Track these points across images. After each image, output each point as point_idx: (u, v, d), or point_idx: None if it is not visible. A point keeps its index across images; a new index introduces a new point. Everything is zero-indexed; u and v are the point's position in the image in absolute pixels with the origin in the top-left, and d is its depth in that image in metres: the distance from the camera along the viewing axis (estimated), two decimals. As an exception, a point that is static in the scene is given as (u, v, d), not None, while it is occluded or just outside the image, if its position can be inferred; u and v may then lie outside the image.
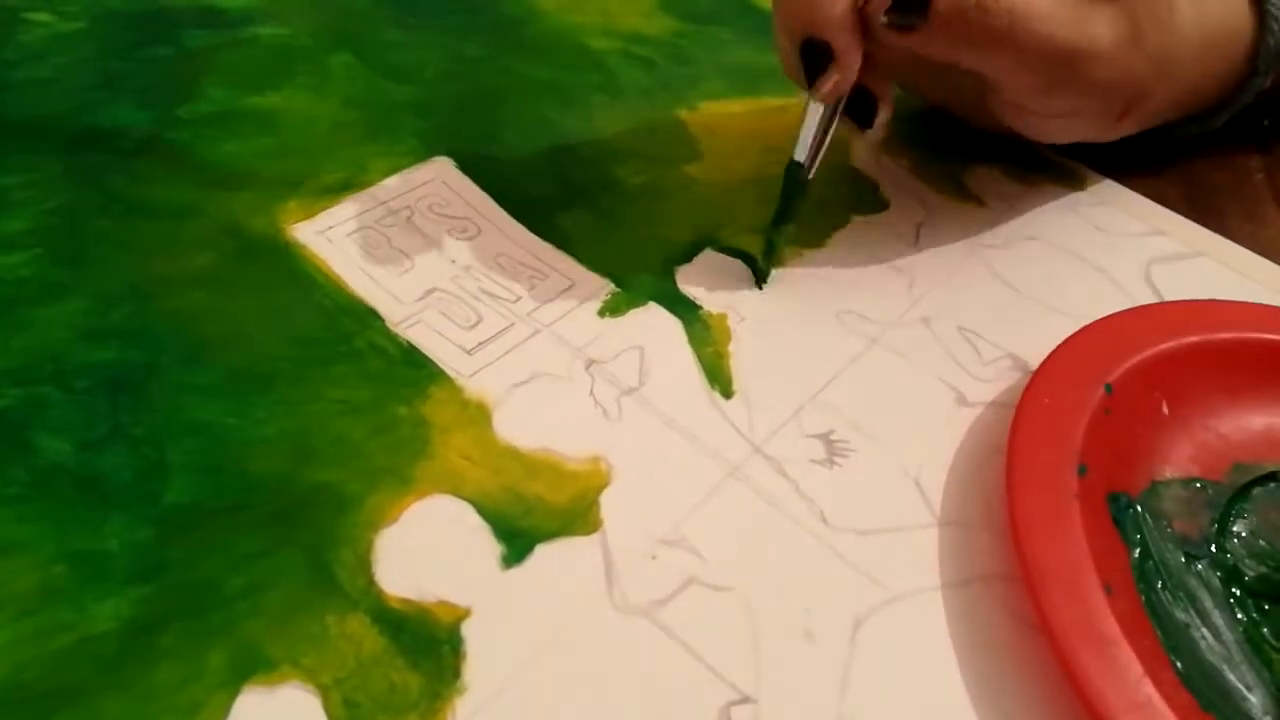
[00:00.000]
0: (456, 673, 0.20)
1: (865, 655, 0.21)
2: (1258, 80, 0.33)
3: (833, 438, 0.26)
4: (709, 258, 0.30)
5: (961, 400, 0.27)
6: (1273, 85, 0.34)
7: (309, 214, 0.29)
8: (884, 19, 0.26)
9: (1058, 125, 0.32)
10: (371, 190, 0.31)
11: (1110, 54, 0.28)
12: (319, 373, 0.25)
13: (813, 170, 0.28)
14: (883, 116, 0.28)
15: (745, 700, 0.20)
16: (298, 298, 0.27)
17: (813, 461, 0.25)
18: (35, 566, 0.21)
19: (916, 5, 0.26)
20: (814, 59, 0.27)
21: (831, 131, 0.28)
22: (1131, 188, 0.35)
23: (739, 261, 0.30)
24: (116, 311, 0.26)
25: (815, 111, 0.28)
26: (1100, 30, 0.28)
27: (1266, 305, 0.29)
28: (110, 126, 0.31)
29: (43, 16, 0.35)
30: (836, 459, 0.25)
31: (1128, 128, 0.32)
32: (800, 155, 0.28)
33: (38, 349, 0.25)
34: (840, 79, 0.27)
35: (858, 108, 0.28)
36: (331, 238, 0.29)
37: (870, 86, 0.28)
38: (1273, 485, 0.25)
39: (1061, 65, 0.28)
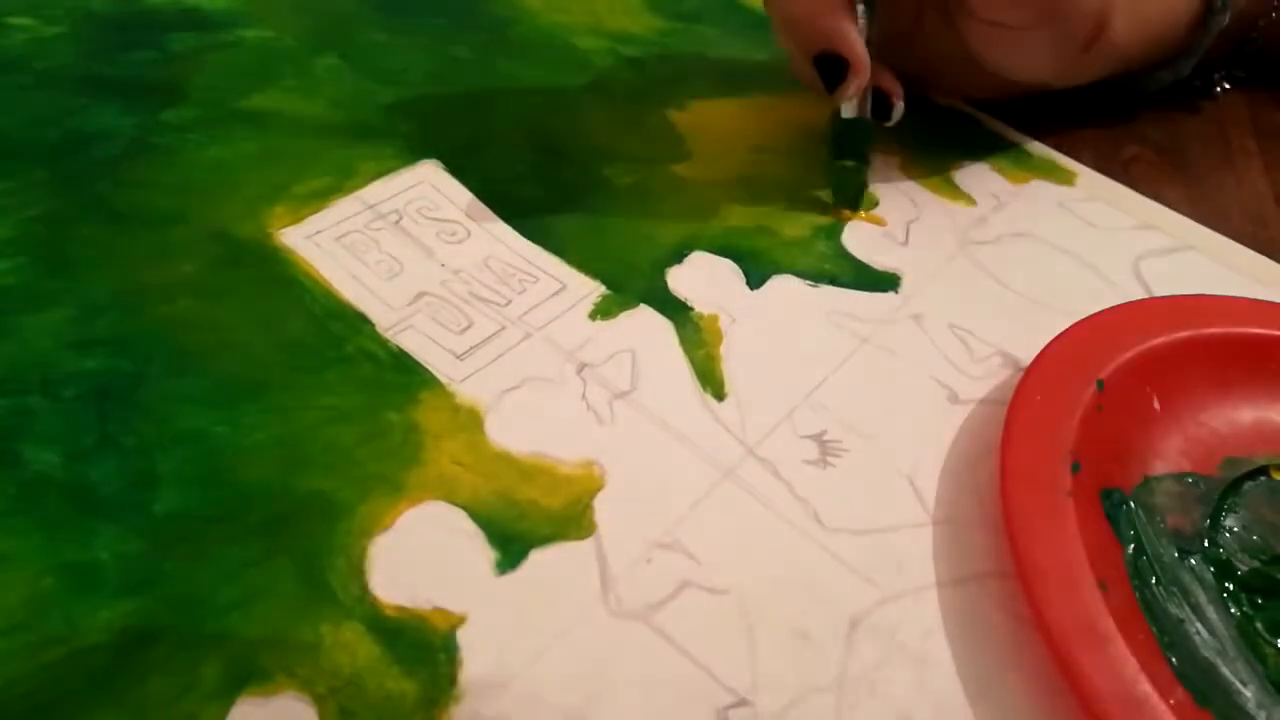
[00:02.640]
0: (452, 680, 0.20)
1: (861, 656, 0.21)
2: (1217, 18, 0.34)
3: (826, 438, 0.26)
4: (699, 258, 0.30)
5: (954, 398, 0.27)
6: (1234, 27, 0.34)
7: (296, 219, 0.29)
8: None
9: (1025, 54, 0.32)
10: (359, 194, 0.30)
11: None
12: (309, 379, 0.25)
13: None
14: (899, 108, 0.32)
15: (742, 703, 0.20)
16: (286, 304, 0.27)
17: (806, 462, 0.25)
18: (24, 579, 0.21)
19: None
20: (829, 69, 0.30)
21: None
22: (1133, 188, 0.35)
23: (729, 262, 0.30)
24: (103, 320, 0.26)
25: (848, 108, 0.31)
26: None
27: (1255, 300, 0.29)
28: (94, 132, 0.31)
29: (24, 21, 0.35)
30: (830, 459, 0.25)
31: (1095, 64, 0.33)
32: (861, 113, 0.31)
33: (23, 359, 0.25)
34: (858, 82, 0.30)
35: (876, 107, 0.32)
36: (320, 242, 0.29)
37: (881, 86, 0.31)
38: (1263, 479, 0.25)
39: None
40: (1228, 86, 0.39)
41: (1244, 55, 0.38)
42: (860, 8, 0.30)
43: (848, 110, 0.31)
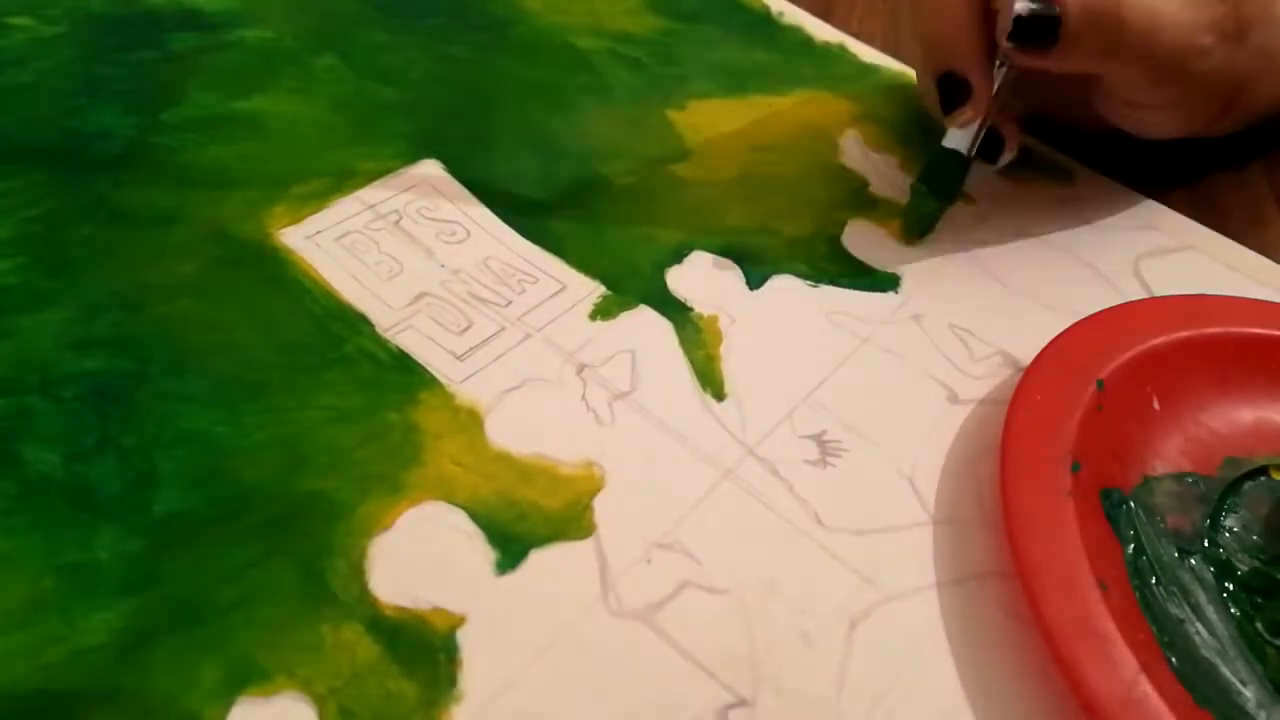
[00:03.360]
0: (452, 680, 0.20)
1: (861, 656, 0.21)
2: None
3: (825, 438, 0.26)
4: (699, 258, 0.30)
5: (954, 398, 0.27)
6: None
7: (296, 219, 0.29)
8: (1008, 44, 0.28)
9: (1162, 119, 0.32)
10: (359, 194, 0.30)
11: (1216, 49, 0.29)
12: (309, 379, 0.25)
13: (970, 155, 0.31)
14: (1006, 157, 0.31)
15: (742, 703, 0.20)
16: (286, 304, 0.27)
17: (806, 462, 0.25)
18: (25, 580, 0.21)
19: (1045, 27, 0.27)
20: (950, 91, 0.30)
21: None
22: (1133, 188, 0.35)
23: (729, 262, 0.30)
24: (103, 320, 0.26)
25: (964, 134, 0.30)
26: (1208, 27, 0.28)
27: (1255, 300, 0.29)
28: (94, 132, 0.31)
29: (23, 21, 0.35)
30: (830, 459, 0.25)
31: (1231, 123, 0.33)
32: (964, 148, 0.31)
33: (23, 359, 0.25)
34: (974, 110, 0.30)
35: (986, 147, 0.31)
36: (319, 242, 0.29)
37: (999, 129, 0.31)
38: (1263, 479, 0.25)
39: (1172, 64, 0.29)
40: None
41: None
42: (1000, 63, 0.30)
43: (952, 140, 0.31)
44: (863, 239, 0.32)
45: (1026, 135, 0.37)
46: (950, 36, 0.29)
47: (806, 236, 0.31)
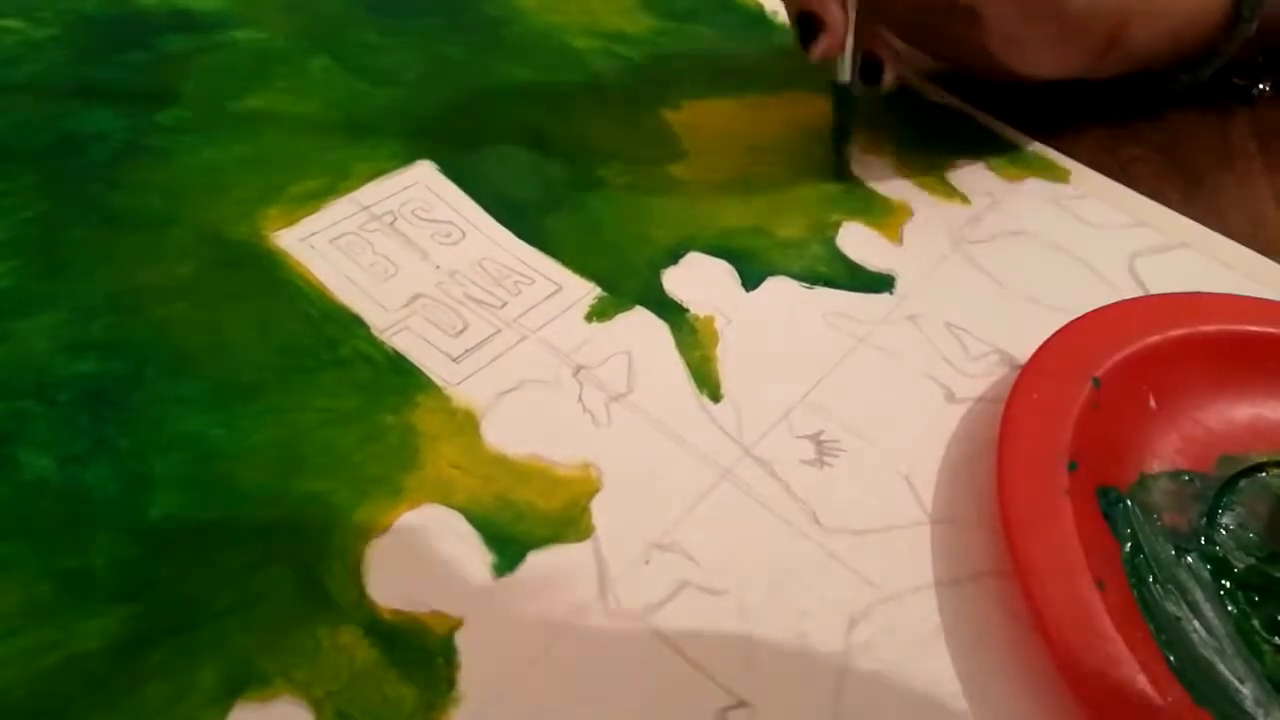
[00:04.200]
0: (450, 683, 0.20)
1: (860, 656, 0.21)
2: (1244, 26, 0.34)
3: (822, 438, 0.26)
4: (695, 259, 0.30)
5: (950, 397, 0.27)
6: (1260, 36, 0.34)
7: (291, 221, 0.29)
8: None
9: (1047, 57, 0.33)
10: (354, 195, 0.30)
11: None
12: (305, 381, 0.25)
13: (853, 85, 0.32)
14: (888, 76, 0.33)
15: (741, 704, 0.20)
16: (281, 306, 0.27)
17: (803, 462, 0.25)
18: (19, 585, 0.21)
19: None
20: (806, 27, 0.31)
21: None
22: (1132, 188, 0.35)
23: (725, 263, 0.30)
24: (97, 323, 0.26)
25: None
26: None
27: (1249, 297, 0.29)
28: (87, 134, 0.31)
29: (14, 23, 0.35)
30: (827, 459, 0.25)
31: (1116, 61, 0.33)
32: (844, 77, 0.32)
33: (17, 362, 0.25)
34: (829, 44, 0.31)
35: (867, 72, 0.32)
36: (314, 244, 0.29)
37: (874, 50, 0.32)
38: (1260, 476, 0.25)
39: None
40: (1265, 89, 0.39)
41: (1275, 63, 0.38)
42: None
43: (839, 75, 0.32)
44: (857, 240, 0.32)
45: (1021, 132, 0.37)
46: None
47: (801, 238, 0.31)
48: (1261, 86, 0.39)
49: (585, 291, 0.28)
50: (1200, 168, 0.36)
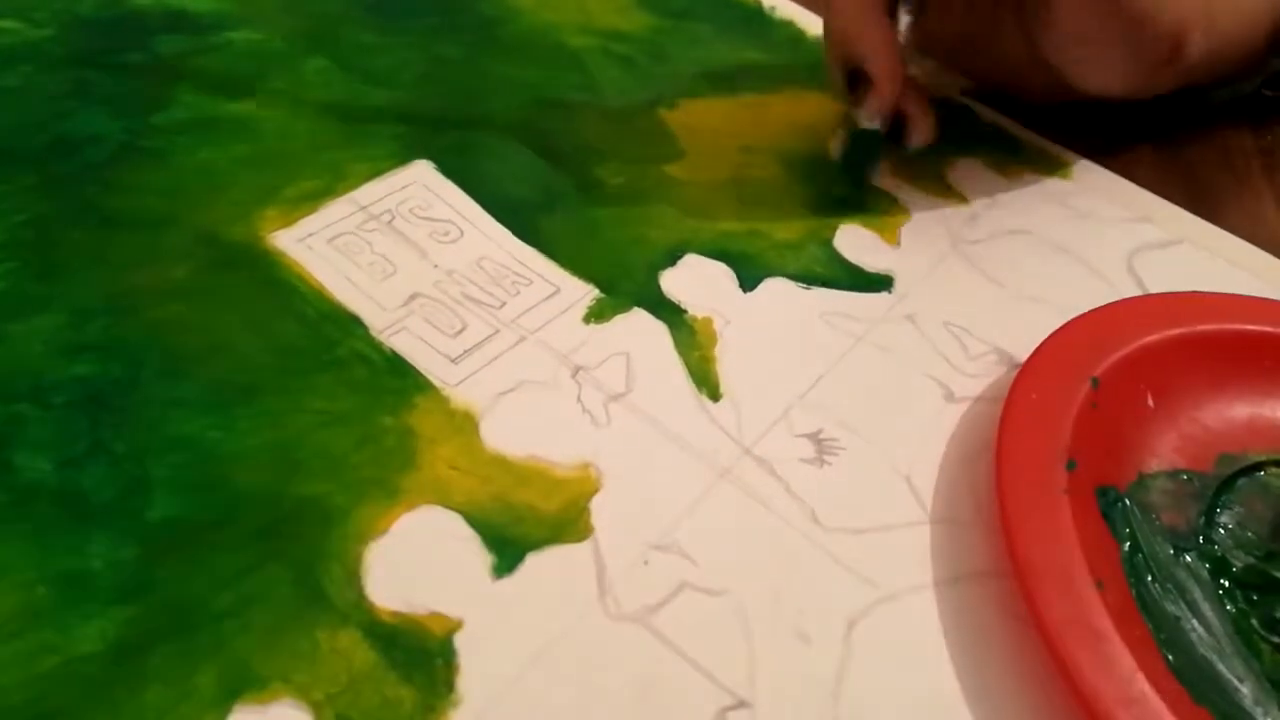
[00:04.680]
0: (450, 685, 0.20)
1: (860, 656, 0.21)
2: None
3: (822, 437, 0.26)
4: (692, 261, 0.30)
5: (949, 396, 0.27)
6: None
7: (288, 221, 0.29)
8: None
9: (1101, 67, 0.32)
10: (351, 195, 0.30)
11: None
12: (302, 383, 0.25)
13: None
14: (916, 140, 0.33)
15: (741, 705, 0.20)
16: (279, 307, 0.27)
17: (803, 461, 0.25)
18: (16, 588, 0.21)
19: None
20: (856, 84, 0.30)
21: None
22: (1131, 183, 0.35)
23: (722, 265, 0.30)
24: (94, 325, 0.26)
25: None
26: None
27: (1247, 296, 0.29)
28: (83, 135, 0.31)
29: (10, 24, 0.35)
30: (826, 458, 0.25)
31: (1167, 80, 0.33)
32: (875, 124, 0.31)
33: (14, 365, 0.24)
34: (878, 103, 0.30)
35: (894, 128, 0.32)
36: (312, 245, 0.29)
37: (907, 112, 0.32)
38: (1258, 475, 0.25)
39: None
40: None
41: None
42: (903, 23, 0.30)
43: (870, 122, 0.31)
44: (855, 242, 0.31)
45: (1023, 128, 0.37)
46: (855, 33, 0.30)
47: (798, 241, 0.31)
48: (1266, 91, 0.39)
49: (583, 293, 0.28)
50: (1200, 168, 0.36)
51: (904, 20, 0.30)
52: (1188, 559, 0.23)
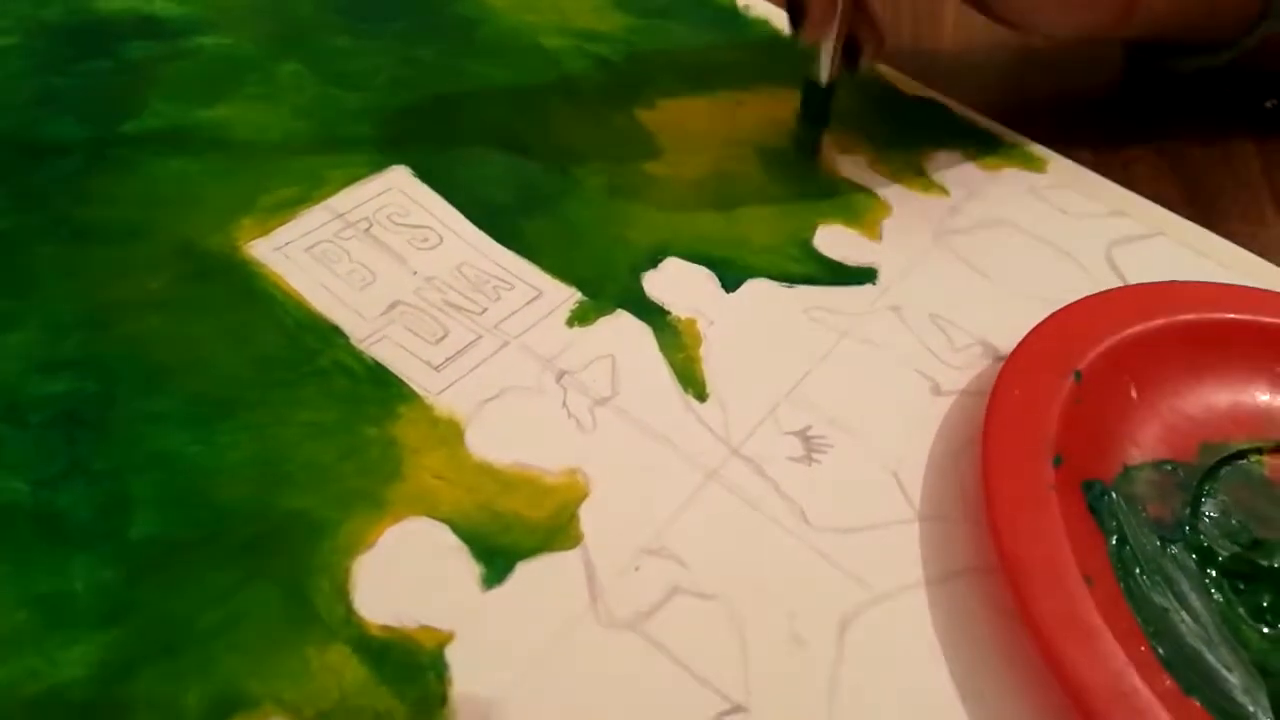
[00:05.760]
0: (443, 698, 0.20)
1: (853, 656, 0.21)
2: (1267, 23, 0.34)
3: (810, 433, 0.26)
4: (673, 263, 0.30)
5: (936, 390, 0.27)
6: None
7: (264, 230, 0.29)
8: None
9: (1062, 13, 0.33)
10: (328, 203, 0.30)
11: None
12: (284, 394, 0.25)
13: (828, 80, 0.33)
14: (865, 60, 0.32)
15: (736, 709, 0.20)
16: (257, 317, 0.26)
17: (791, 460, 0.25)
18: (-3, 613, 0.20)
19: None
20: (794, 12, 0.31)
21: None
22: (1132, 189, 0.35)
23: (704, 267, 0.30)
24: (68, 340, 0.25)
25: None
26: None
27: (1225, 284, 0.29)
28: (51, 145, 0.30)
29: (-27, 33, 0.34)
30: (815, 455, 0.25)
31: (1135, 23, 0.33)
32: (822, 77, 0.32)
33: (-13, 383, 0.24)
34: (813, 29, 0.31)
35: (846, 53, 0.32)
36: (289, 254, 0.28)
37: (856, 33, 0.32)
38: (1241, 463, 0.25)
39: None
40: None
41: None
42: None
43: (818, 73, 0.32)
44: (834, 240, 0.31)
45: (1000, 125, 0.37)
46: None
47: (778, 243, 0.31)
48: (1268, 104, 0.39)
49: (565, 296, 0.28)
50: (1200, 169, 0.36)
51: None
52: (1174, 550, 0.23)
